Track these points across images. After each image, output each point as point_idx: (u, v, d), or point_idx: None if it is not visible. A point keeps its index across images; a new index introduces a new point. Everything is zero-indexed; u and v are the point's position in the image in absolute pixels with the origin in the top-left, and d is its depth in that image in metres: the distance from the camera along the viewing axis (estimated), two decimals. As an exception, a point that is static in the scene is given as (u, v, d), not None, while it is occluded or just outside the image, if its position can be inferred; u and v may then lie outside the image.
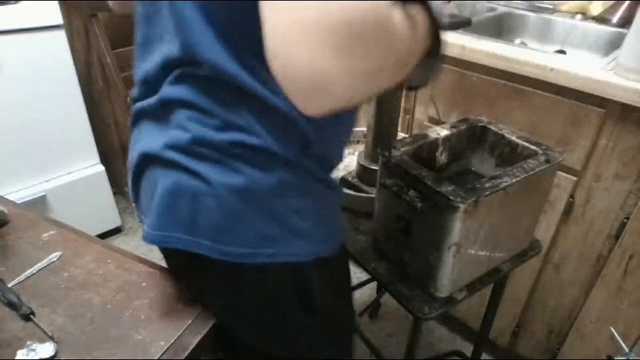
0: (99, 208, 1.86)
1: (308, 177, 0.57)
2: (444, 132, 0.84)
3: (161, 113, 0.56)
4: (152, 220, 0.57)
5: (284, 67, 0.37)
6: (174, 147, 0.54)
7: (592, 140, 1.00)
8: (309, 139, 0.53)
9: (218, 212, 0.53)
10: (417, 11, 0.44)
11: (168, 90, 0.54)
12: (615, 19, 1.29)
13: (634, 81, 0.90)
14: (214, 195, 0.53)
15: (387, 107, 0.91)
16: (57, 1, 1.50)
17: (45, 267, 0.71)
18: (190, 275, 0.66)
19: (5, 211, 0.80)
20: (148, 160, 0.58)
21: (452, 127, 0.86)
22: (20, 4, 1.44)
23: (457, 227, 0.68)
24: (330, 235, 0.62)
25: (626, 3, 1.28)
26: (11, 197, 1.48)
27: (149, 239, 0.57)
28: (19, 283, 0.68)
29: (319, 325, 0.67)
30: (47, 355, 0.57)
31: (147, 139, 0.58)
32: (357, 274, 1.80)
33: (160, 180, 0.56)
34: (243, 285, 0.61)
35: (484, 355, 1.27)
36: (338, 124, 0.59)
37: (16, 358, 0.57)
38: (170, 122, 0.54)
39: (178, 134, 0.53)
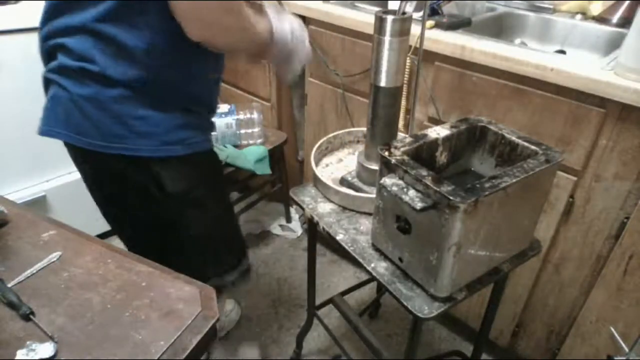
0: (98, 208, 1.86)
1: (153, 95, 0.79)
2: (444, 132, 0.84)
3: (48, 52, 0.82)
4: (42, 119, 0.84)
5: (191, 11, 0.69)
6: (51, 70, 0.81)
7: (592, 140, 1.00)
8: (149, 68, 0.77)
9: (78, 114, 0.79)
10: (263, 19, 0.85)
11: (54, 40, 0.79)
12: (615, 18, 1.29)
13: (634, 81, 0.90)
14: (73, 101, 0.78)
15: (386, 107, 0.91)
16: (57, 1, 1.49)
17: (45, 267, 0.71)
18: (78, 165, 0.95)
19: (5, 211, 0.80)
20: (44, 81, 0.85)
21: (452, 127, 0.86)
22: (20, 4, 1.44)
23: (457, 227, 0.68)
24: (179, 140, 0.84)
25: (626, 3, 1.28)
26: (11, 197, 1.48)
27: (40, 132, 0.84)
28: (18, 283, 0.68)
29: (173, 204, 0.92)
30: (47, 355, 0.57)
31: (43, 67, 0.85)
32: (357, 274, 1.80)
33: (48, 92, 0.84)
34: (113, 170, 0.86)
35: (483, 355, 1.27)
36: (183, 59, 0.81)
37: (16, 358, 0.57)
38: (49, 53, 0.81)
39: (54, 62, 0.80)
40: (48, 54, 0.81)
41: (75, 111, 0.79)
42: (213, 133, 1.63)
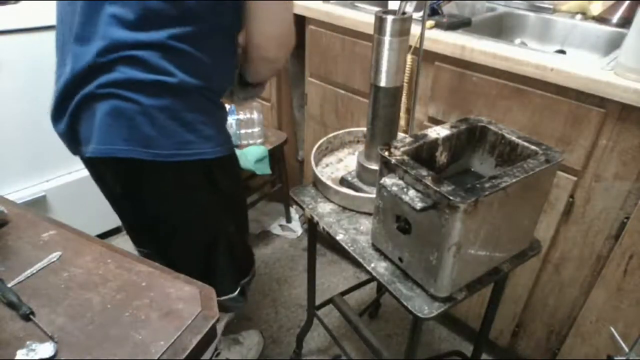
0: (99, 208, 1.85)
1: (209, 100, 0.85)
2: (444, 132, 0.84)
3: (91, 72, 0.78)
4: (97, 139, 0.79)
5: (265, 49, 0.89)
6: (107, 84, 0.76)
7: (592, 140, 1.00)
8: (208, 77, 0.82)
9: (148, 125, 0.78)
10: None
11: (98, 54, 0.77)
12: (615, 18, 1.29)
13: (634, 81, 0.90)
14: (144, 113, 0.77)
15: (386, 107, 0.91)
16: (57, 1, 1.50)
17: (45, 267, 0.71)
18: (127, 182, 0.89)
19: (5, 211, 0.80)
20: (84, 100, 0.80)
21: (452, 127, 0.86)
22: (20, 4, 1.44)
23: (457, 227, 0.68)
24: (226, 140, 0.91)
25: (626, 3, 1.28)
26: (11, 197, 1.48)
27: (96, 153, 0.80)
28: (18, 283, 0.68)
29: (223, 202, 0.97)
30: (46, 355, 0.57)
31: (78, 88, 0.80)
32: (357, 274, 1.80)
33: (99, 108, 0.78)
34: (169, 179, 0.86)
35: (483, 355, 1.27)
36: (225, 68, 0.89)
37: (16, 358, 0.57)
38: (100, 70, 0.77)
39: (112, 76, 0.76)
40: (98, 68, 0.77)
41: (145, 123, 0.77)
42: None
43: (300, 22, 1.50)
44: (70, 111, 0.83)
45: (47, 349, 0.58)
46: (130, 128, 0.78)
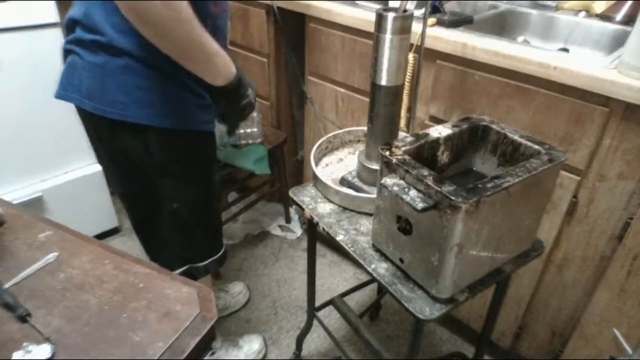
0: (96, 208, 1.86)
1: (152, 68, 0.86)
2: (445, 131, 0.84)
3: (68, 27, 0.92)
4: (59, 85, 0.93)
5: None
6: (70, 41, 0.89)
7: (596, 139, 0.99)
8: (149, 46, 0.80)
9: (89, 80, 0.88)
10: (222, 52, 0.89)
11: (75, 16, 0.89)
12: (619, 16, 1.28)
13: (638, 79, 0.89)
14: (87, 68, 0.87)
15: (387, 106, 0.90)
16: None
17: (41, 268, 0.70)
18: (87, 129, 0.99)
19: (1, 212, 0.79)
20: (64, 54, 0.93)
21: (454, 126, 0.85)
22: (16, 2, 1.43)
23: (459, 227, 0.67)
24: (178, 116, 0.91)
25: (630, 1, 1.27)
26: (7, 198, 1.47)
27: (56, 95, 0.93)
28: (15, 284, 0.67)
29: (160, 174, 0.99)
30: (43, 357, 0.57)
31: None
32: (357, 275, 1.79)
33: (66, 61, 0.92)
34: (109, 133, 0.93)
35: (485, 357, 1.26)
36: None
37: (12, 359, 0.56)
38: (70, 29, 0.90)
39: (73, 35, 0.88)
40: (68, 27, 0.91)
41: (88, 77, 0.88)
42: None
43: (300, 19, 1.49)
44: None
45: (44, 350, 0.57)
46: (80, 80, 0.89)
